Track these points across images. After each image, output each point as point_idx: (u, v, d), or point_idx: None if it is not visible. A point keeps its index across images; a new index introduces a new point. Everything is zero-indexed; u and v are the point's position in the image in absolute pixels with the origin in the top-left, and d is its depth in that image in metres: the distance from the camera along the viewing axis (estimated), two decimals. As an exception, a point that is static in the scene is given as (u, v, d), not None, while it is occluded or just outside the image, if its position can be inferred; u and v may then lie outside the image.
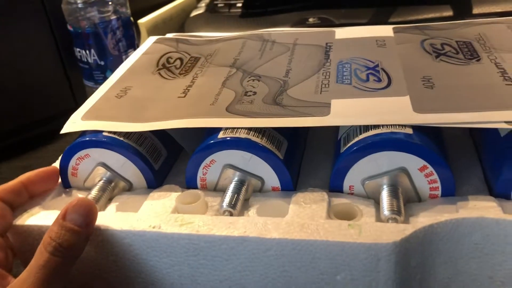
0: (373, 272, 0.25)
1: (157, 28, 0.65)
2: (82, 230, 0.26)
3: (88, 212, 0.27)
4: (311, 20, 0.59)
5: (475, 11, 0.57)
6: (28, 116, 0.54)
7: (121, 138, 0.31)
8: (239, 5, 0.66)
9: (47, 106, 0.55)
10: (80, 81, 0.55)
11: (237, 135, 0.29)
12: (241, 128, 0.30)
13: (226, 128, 0.30)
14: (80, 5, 0.49)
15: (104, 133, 0.31)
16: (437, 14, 0.57)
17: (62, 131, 0.32)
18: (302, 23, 0.59)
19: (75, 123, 0.32)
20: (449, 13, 0.57)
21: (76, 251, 0.26)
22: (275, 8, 0.63)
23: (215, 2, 0.69)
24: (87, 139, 0.31)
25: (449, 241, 0.26)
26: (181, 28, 0.66)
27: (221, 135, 0.30)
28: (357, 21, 0.57)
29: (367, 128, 0.28)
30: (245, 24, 0.61)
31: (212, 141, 0.29)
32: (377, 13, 0.58)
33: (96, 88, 0.53)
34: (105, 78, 0.52)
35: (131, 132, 0.31)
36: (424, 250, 0.26)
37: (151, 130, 0.31)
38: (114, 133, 0.31)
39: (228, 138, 0.29)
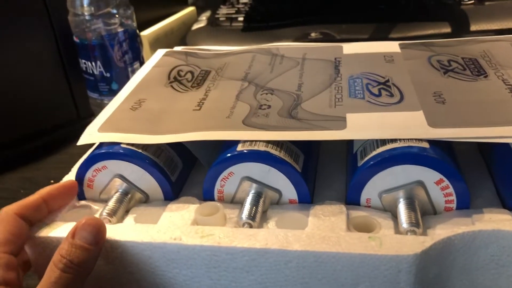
0: (393, 284, 0.26)
1: (158, 41, 0.66)
2: (92, 248, 0.27)
3: (97, 231, 0.27)
4: (313, 35, 0.60)
5: (473, 28, 0.58)
6: (30, 127, 0.54)
7: (140, 150, 0.31)
8: (241, 19, 0.67)
9: (49, 117, 0.55)
10: (83, 92, 0.55)
11: (256, 147, 0.30)
12: (260, 141, 0.30)
13: (245, 141, 0.30)
14: (87, 17, 0.49)
15: (122, 145, 0.31)
16: (436, 31, 0.58)
17: (79, 143, 0.32)
18: (304, 38, 0.60)
19: (92, 135, 0.33)
20: (448, 29, 0.58)
21: (86, 268, 0.27)
22: (277, 22, 0.64)
23: (216, 15, 0.69)
24: (106, 151, 0.31)
25: (466, 253, 0.27)
26: (182, 41, 0.66)
27: (239, 147, 0.30)
28: (358, 37, 0.58)
29: (384, 142, 0.29)
30: (247, 38, 0.62)
31: (231, 154, 0.30)
32: (378, 29, 0.60)
33: (101, 100, 0.53)
34: (110, 90, 0.52)
35: (149, 144, 0.32)
36: (442, 261, 0.27)
37: (168, 143, 0.32)
38: (132, 145, 0.31)
39: (248, 151, 0.30)
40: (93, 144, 0.36)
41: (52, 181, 0.49)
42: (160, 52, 0.46)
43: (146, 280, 0.29)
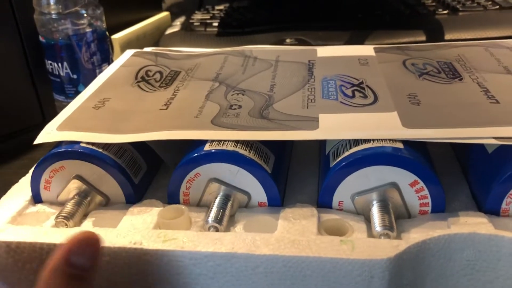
0: (365, 290, 0.24)
1: (130, 45, 0.64)
2: (89, 275, 0.22)
3: (96, 251, 0.22)
4: (288, 41, 0.59)
5: (447, 37, 0.58)
6: (-8, 131, 0.52)
7: (100, 150, 0.29)
8: (215, 24, 0.66)
9: (13, 121, 0.52)
10: (49, 95, 0.53)
11: (224, 147, 0.28)
12: (229, 140, 0.29)
13: (213, 141, 0.29)
14: (54, 16, 0.47)
15: (82, 144, 0.29)
16: (411, 39, 0.58)
17: (36, 142, 0.30)
18: (280, 43, 0.59)
19: (50, 134, 0.31)
20: (422, 38, 0.58)
21: None
22: (252, 28, 0.63)
23: (191, 21, 0.68)
24: (63, 150, 0.29)
25: (441, 257, 0.26)
26: (155, 45, 0.65)
27: (207, 147, 0.28)
28: (333, 43, 0.57)
29: (357, 142, 0.28)
30: (222, 43, 0.61)
31: (198, 154, 0.28)
32: (353, 36, 0.59)
33: (67, 103, 0.51)
34: (77, 92, 0.50)
35: (110, 144, 0.30)
36: (416, 266, 0.25)
37: (131, 142, 0.30)
38: (92, 144, 0.30)
39: (215, 151, 0.28)
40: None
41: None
42: (129, 52, 0.44)
43: (104, 288, 0.27)
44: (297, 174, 0.32)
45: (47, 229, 0.27)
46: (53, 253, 0.22)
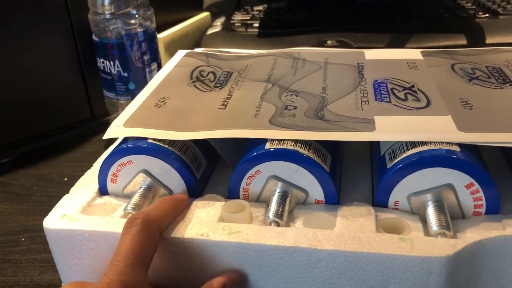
0: (423, 286, 0.26)
1: (173, 44, 0.66)
2: None
3: None
4: (329, 42, 0.60)
5: (488, 41, 0.58)
6: (45, 125, 0.54)
7: (166, 146, 0.31)
8: (256, 25, 0.67)
9: (64, 116, 0.55)
10: (98, 92, 0.55)
11: (284, 146, 0.29)
12: (288, 140, 0.30)
13: (273, 140, 0.30)
14: (107, 16, 0.50)
15: (149, 140, 0.31)
16: (451, 42, 0.58)
17: (105, 137, 0.32)
18: (321, 45, 0.60)
19: (117, 129, 0.32)
20: (463, 41, 0.59)
21: None
22: (293, 29, 0.64)
23: (231, 21, 0.70)
24: (132, 145, 0.31)
25: (496, 258, 0.26)
26: (197, 45, 0.66)
27: (268, 146, 0.30)
28: (374, 45, 0.58)
29: (414, 144, 0.29)
30: (263, 44, 0.62)
31: (259, 152, 0.30)
32: (394, 39, 0.60)
33: (117, 100, 0.53)
34: (127, 90, 0.52)
35: (175, 141, 0.32)
36: (472, 266, 0.26)
37: (193, 140, 0.31)
38: (159, 140, 0.31)
39: (276, 150, 0.29)
40: (112, 142, 0.36)
41: (65, 179, 0.49)
42: (181, 52, 0.46)
43: (170, 277, 0.29)
44: (349, 173, 0.34)
45: (118, 220, 0.29)
46: (213, 280, 0.27)
